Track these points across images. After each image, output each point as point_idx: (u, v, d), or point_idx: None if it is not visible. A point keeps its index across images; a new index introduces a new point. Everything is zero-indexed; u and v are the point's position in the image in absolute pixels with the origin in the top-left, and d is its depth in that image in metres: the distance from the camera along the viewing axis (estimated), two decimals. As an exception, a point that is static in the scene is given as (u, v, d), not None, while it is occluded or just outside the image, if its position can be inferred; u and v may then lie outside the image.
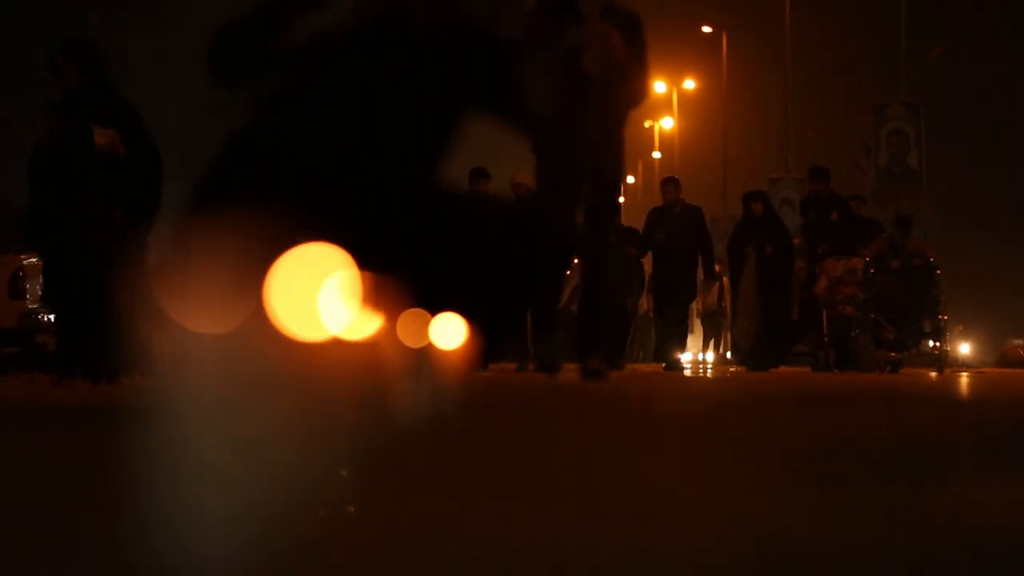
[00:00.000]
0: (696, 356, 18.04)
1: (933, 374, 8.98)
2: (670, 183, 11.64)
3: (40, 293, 5.60)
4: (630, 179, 45.33)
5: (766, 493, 1.07)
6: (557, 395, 4.19)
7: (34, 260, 13.48)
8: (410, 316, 1.65)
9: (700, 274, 11.86)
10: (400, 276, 1.80)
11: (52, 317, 9.24)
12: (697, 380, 6.85)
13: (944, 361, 9.94)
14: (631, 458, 1.60)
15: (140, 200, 5.09)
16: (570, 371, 8.02)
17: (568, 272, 9.86)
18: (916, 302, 9.72)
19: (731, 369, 12.76)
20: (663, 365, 11.21)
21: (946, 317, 9.95)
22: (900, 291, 9.75)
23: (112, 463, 1.41)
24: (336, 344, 0.96)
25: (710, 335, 17.83)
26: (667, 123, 41.55)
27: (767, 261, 11.13)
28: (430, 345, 1.82)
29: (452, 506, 1.06)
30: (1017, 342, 26.52)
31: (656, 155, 42.29)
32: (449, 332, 1.98)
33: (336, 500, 1.00)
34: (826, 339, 10.52)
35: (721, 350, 18.37)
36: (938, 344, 9.89)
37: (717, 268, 17.87)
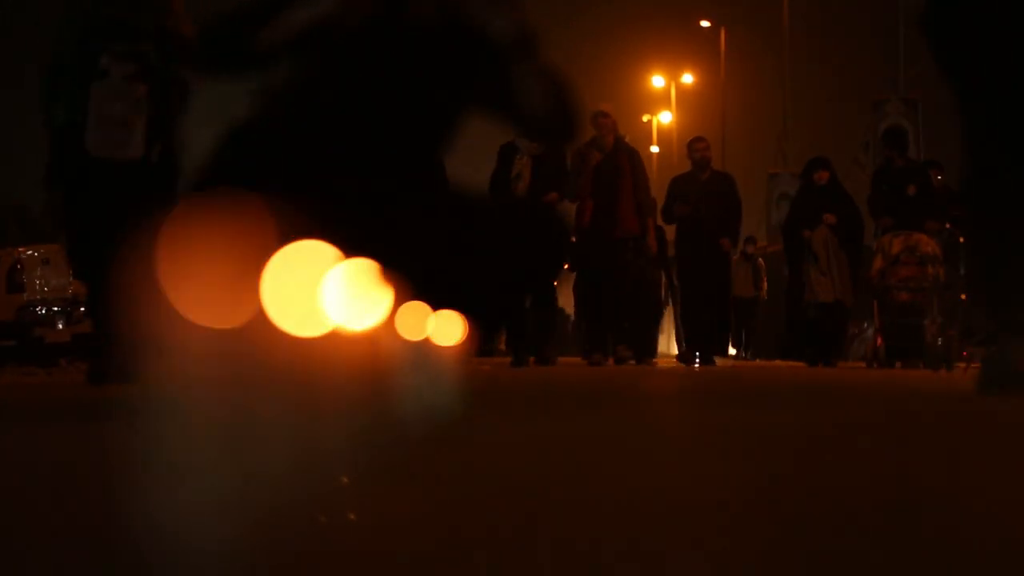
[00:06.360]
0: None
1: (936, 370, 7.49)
2: (702, 140, 10.23)
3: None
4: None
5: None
6: (558, 388, 4.18)
7: (32, 253, 13.46)
8: (409, 309, 1.64)
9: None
10: (399, 269, 1.79)
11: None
12: (724, 374, 6.81)
13: (951, 354, 8.22)
14: (633, 457, 1.59)
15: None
16: (568, 365, 7.98)
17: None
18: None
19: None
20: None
21: (964, 296, 8.47)
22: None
23: (106, 460, 1.40)
24: (334, 338, 0.95)
25: (740, 327, 15.18)
26: (665, 117, 41.62)
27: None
28: (428, 339, 1.80)
29: (453, 505, 1.05)
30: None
31: (654, 149, 42.33)
32: (448, 326, 1.97)
33: (336, 500, 0.98)
34: (877, 331, 8.94)
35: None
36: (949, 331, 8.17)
37: (751, 249, 16.47)
